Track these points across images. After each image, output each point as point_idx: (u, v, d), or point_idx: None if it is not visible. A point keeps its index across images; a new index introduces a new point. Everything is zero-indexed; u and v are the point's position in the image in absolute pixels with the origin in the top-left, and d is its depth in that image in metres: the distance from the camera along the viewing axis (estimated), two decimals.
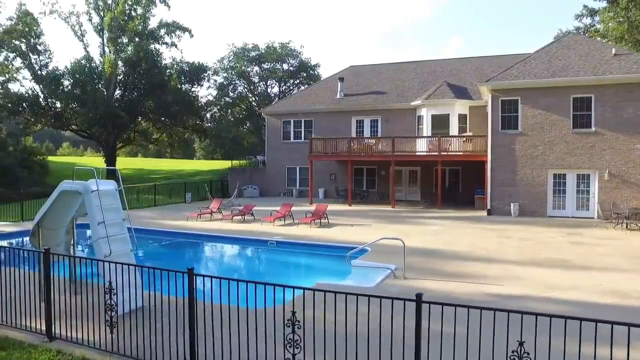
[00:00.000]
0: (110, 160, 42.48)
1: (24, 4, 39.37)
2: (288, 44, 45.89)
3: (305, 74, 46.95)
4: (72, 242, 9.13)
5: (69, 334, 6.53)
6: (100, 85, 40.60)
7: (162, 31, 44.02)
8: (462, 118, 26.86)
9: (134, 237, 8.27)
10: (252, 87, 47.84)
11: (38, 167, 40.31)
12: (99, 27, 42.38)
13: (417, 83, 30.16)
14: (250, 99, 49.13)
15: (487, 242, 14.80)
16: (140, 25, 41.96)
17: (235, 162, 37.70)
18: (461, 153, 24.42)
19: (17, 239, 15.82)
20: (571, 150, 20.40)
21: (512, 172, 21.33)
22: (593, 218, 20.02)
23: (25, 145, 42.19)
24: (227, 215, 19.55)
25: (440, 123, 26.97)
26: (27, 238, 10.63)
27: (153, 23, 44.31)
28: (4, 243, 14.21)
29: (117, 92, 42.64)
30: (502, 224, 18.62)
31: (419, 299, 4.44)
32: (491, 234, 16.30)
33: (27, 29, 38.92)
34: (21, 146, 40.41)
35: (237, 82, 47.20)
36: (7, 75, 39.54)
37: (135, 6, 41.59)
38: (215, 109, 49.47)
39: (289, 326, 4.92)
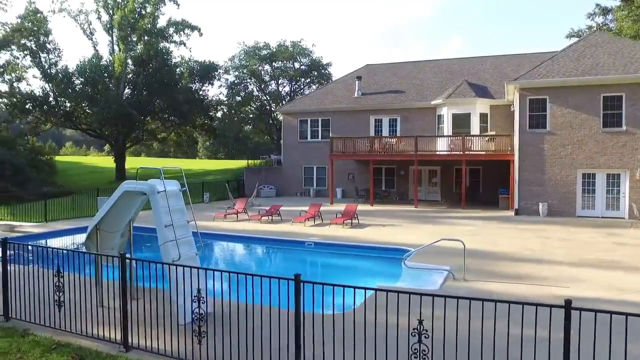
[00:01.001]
0: (120, 160, 42.07)
1: (34, 2, 38.91)
2: (299, 42, 45.57)
3: (316, 73, 46.56)
4: (124, 245, 8.80)
5: (147, 344, 6.20)
6: (110, 84, 40.19)
7: (171, 29, 43.63)
8: (483, 117, 26.63)
9: (200, 239, 7.96)
10: (262, 86, 47.46)
11: (46, 167, 39.93)
12: (108, 26, 41.95)
13: (436, 82, 29.90)
14: (262, 98, 48.74)
15: (528, 242, 14.54)
16: (150, 23, 41.56)
17: (251, 162, 37.35)
18: (484, 153, 24.20)
19: (47, 240, 15.46)
20: (601, 149, 20.16)
21: (540, 171, 21.08)
22: (623, 218, 19.79)
23: (33, 145, 41.80)
24: (254, 216, 19.23)
25: (460, 122, 26.73)
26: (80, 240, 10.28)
27: (162, 21, 43.83)
28: (55, 243, 13.77)
29: (126, 91, 42.21)
30: (535, 224, 18.37)
31: (568, 306, 4.13)
32: (528, 234, 16.03)
33: (36, 27, 38.47)
34: (29, 146, 40.02)
35: (248, 80, 46.78)
36: (16, 74, 39.10)
37: (145, 4, 41.17)
38: (225, 108, 49.02)
39: (414, 335, 4.62)
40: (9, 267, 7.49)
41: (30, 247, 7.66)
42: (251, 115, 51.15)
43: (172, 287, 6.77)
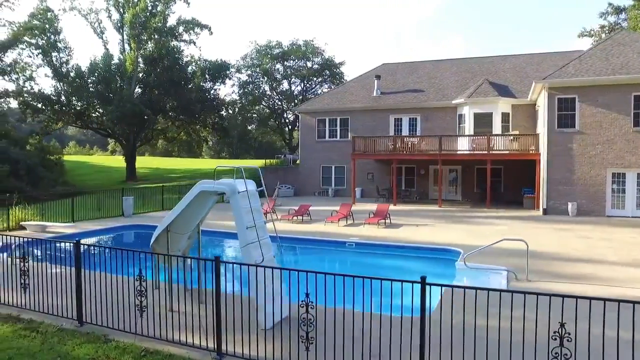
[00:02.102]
0: (131, 159, 41.77)
1: (45, 0, 38.55)
2: (312, 41, 45.34)
3: (328, 72, 46.29)
4: (190, 247, 8.60)
5: (238, 350, 5.97)
6: (122, 83, 39.89)
7: (181, 28, 43.36)
8: (505, 116, 26.48)
9: (278, 242, 7.75)
10: (275, 85, 47.16)
11: (55, 166, 39.56)
12: (118, 24, 41.65)
13: (455, 81, 29.73)
14: (274, 98, 48.47)
15: (570, 242, 14.38)
16: (160, 22, 41.28)
17: (267, 162, 37.12)
18: (507, 152, 24.08)
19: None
20: (632, 149, 20.03)
21: (569, 171, 20.94)
22: None
23: (42, 145, 41.41)
24: (284, 216, 19.01)
25: (482, 122, 26.57)
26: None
27: (172, 20, 43.52)
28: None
29: (137, 90, 41.92)
30: (567, 224, 18.20)
31: None
32: (566, 234, 15.87)
33: (47, 26, 38.14)
34: (38, 145, 39.62)
35: (261, 79, 46.49)
36: (24, 74, 38.77)
37: (156, 2, 40.88)
38: (235, 107, 48.70)
39: (555, 339, 4.44)
40: (83, 271, 7.26)
41: (104, 250, 7.40)
42: (254, 115, 50.75)
43: (256, 290, 6.56)
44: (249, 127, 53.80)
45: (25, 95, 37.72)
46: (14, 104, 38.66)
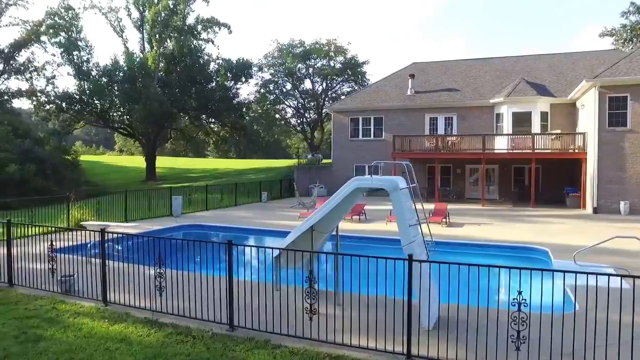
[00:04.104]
0: (151, 158, 41.34)
1: None
2: (335, 40, 45.07)
3: (350, 72, 46.01)
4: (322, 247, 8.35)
5: (429, 354, 5.76)
6: (140, 83, 39.43)
7: (199, 27, 42.96)
8: (544, 115, 26.40)
9: (432, 243, 7.54)
10: (298, 84, 46.86)
11: (73, 166, 39.04)
12: (138, 23, 41.21)
13: (490, 80, 29.63)
14: (297, 97, 48.15)
15: None
16: (180, 20, 40.90)
17: (293, 162, 36.85)
18: (549, 151, 24.05)
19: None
20: None
21: (620, 170, 20.86)
22: None
23: (60, 145, 40.85)
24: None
25: (520, 121, 26.49)
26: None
27: (190, 19, 43.10)
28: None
29: (158, 89, 41.50)
30: (626, 222, 18.10)
31: None
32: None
33: (68, 24, 37.66)
34: (58, 145, 39.06)
35: (285, 78, 46.17)
36: (42, 73, 38.28)
37: (177, 0, 40.47)
38: (259, 107, 48.36)
39: None
40: (234, 274, 6.97)
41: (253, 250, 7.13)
42: (277, 114, 50.29)
43: (422, 289, 6.34)
44: (276, 127, 53.51)
45: (47, 94, 37.22)
46: (26, 103, 38.09)
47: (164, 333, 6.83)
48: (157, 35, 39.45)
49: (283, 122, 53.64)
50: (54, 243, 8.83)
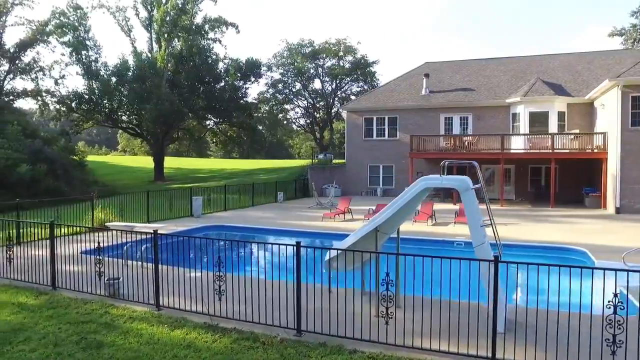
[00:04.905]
0: (159, 159, 41.05)
1: None
2: (344, 40, 44.89)
3: (359, 72, 45.83)
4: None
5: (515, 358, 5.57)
6: (154, 82, 39.16)
7: (207, 26, 42.70)
8: (561, 115, 26.28)
9: (500, 245, 7.36)
10: (307, 83, 46.64)
11: (81, 166, 38.70)
12: (146, 22, 40.92)
13: (505, 80, 29.49)
14: (306, 97, 47.93)
15: None
16: (188, 20, 40.63)
17: (307, 162, 36.64)
18: (567, 151, 23.93)
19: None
20: None
21: None
22: None
23: (67, 145, 40.51)
24: (367, 215, 18.59)
25: (537, 120, 26.35)
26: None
27: (198, 19, 42.83)
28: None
29: (167, 89, 41.22)
30: None
31: None
32: None
33: (76, 24, 37.35)
34: (66, 145, 38.71)
35: (294, 78, 45.94)
36: (58, 72, 37.99)
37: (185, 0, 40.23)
38: (268, 106, 48.12)
39: None
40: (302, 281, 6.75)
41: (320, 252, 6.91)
42: (287, 114, 50.10)
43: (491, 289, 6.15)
44: (280, 127, 53.33)
45: (53, 93, 36.90)
46: (30, 103, 37.76)
47: (230, 339, 6.60)
48: (166, 35, 39.16)
49: (285, 122, 53.42)
50: (101, 244, 8.60)
